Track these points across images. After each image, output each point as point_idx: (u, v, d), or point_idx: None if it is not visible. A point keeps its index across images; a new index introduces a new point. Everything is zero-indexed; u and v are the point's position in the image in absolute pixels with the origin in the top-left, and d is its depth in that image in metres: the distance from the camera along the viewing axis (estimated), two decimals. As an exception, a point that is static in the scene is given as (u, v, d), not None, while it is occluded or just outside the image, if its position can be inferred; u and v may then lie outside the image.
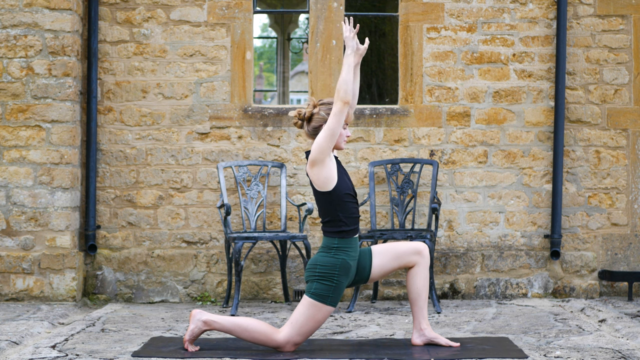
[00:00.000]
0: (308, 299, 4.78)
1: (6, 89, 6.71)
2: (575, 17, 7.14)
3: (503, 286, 7.12)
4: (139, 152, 7.06)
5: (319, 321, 4.80)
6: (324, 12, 7.14)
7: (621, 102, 7.16)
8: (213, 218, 7.06)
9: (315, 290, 4.77)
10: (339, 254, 4.80)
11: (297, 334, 4.79)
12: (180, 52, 7.08)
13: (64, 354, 4.80)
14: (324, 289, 4.77)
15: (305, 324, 4.78)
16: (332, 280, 4.77)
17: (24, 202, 6.71)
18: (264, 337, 4.81)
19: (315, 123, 4.83)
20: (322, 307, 4.77)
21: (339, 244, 4.80)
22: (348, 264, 4.81)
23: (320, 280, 4.77)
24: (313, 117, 4.84)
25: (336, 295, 4.79)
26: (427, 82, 7.13)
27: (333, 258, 4.78)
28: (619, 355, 4.80)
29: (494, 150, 7.14)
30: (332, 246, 4.81)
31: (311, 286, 4.79)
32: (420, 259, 4.97)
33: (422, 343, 5.01)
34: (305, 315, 4.77)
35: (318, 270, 4.78)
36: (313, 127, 4.83)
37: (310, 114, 4.84)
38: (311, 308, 4.77)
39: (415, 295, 4.99)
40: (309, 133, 4.86)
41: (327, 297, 4.77)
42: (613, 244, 7.17)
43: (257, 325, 4.83)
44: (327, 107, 4.82)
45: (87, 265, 7.03)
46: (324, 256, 4.80)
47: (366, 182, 7.09)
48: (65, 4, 6.70)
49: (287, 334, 4.79)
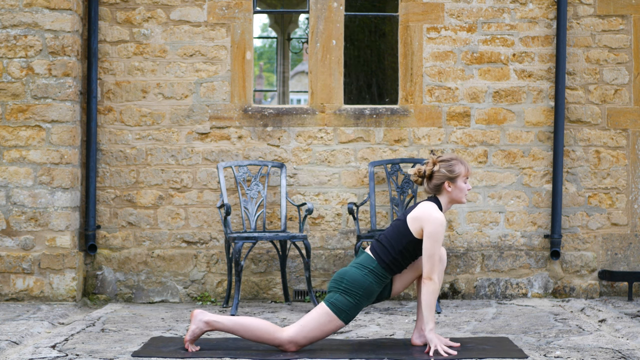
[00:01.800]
0: (325, 307, 4.80)
1: (6, 89, 6.71)
2: (575, 17, 7.14)
3: (503, 286, 7.12)
4: (139, 152, 7.06)
5: (327, 332, 4.82)
6: (324, 12, 7.14)
7: (621, 102, 7.16)
8: (213, 218, 7.06)
9: (335, 301, 4.79)
10: (370, 277, 4.83)
11: (303, 337, 4.80)
12: (180, 52, 7.08)
13: (64, 354, 4.80)
14: (344, 304, 4.79)
15: (313, 330, 4.79)
16: (355, 298, 4.80)
17: (24, 202, 6.71)
18: (267, 335, 4.81)
19: (436, 181, 4.90)
20: (336, 320, 4.80)
21: (375, 269, 4.84)
22: (374, 289, 4.85)
23: (343, 293, 4.79)
24: (433, 175, 4.90)
25: (352, 314, 4.82)
26: (427, 82, 7.13)
27: (363, 278, 4.81)
28: (619, 355, 4.80)
29: (494, 150, 7.14)
30: (368, 266, 4.84)
31: (332, 296, 4.81)
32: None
33: (422, 343, 5.02)
34: (317, 321, 4.79)
35: (345, 283, 4.81)
36: (434, 184, 4.91)
37: (431, 171, 4.90)
38: (324, 317, 4.79)
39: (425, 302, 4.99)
40: (431, 189, 4.93)
41: (344, 312, 4.79)
42: (613, 244, 7.17)
43: (260, 323, 4.84)
44: (446, 165, 4.88)
45: (87, 265, 7.04)
46: (356, 272, 4.82)
47: (366, 182, 7.09)
48: (65, 4, 6.70)
49: (292, 334, 4.79)
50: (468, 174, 4.92)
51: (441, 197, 4.92)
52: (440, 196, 4.92)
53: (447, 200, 4.93)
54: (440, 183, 4.89)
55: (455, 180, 4.88)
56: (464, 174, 4.90)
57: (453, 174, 4.87)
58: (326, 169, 7.11)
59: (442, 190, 4.90)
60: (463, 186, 4.90)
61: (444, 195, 4.92)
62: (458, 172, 4.88)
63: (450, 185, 4.89)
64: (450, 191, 4.89)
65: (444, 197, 4.92)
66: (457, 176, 4.88)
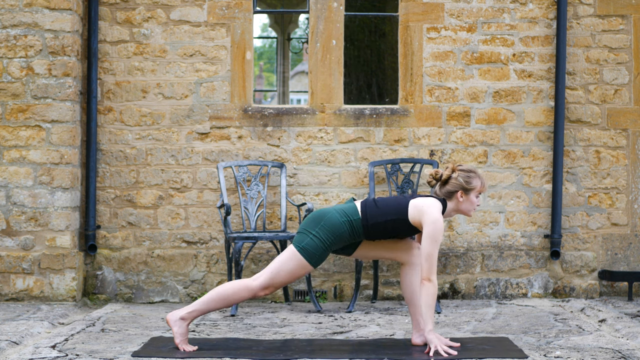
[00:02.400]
0: (296, 252, 4.83)
1: (6, 89, 6.71)
2: (575, 17, 7.14)
3: (503, 286, 7.12)
4: (139, 152, 7.06)
5: (297, 277, 4.88)
6: (324, 12, 7.14)
7: (621, 102, 7.16)
8: (213, 218, 7.06)
9: (306, 245, 4.81)
10: (346, 226, 4.84)
11: (274, 283, 4.87)
12: (180, 52, 7.08)
13: (64, 354, 4.80)
14: (315, 248, 4.81)
15: (284, 276, 4.86)
16: (325, 243, 4.82)
17: (24, 202, 6.71)
18: (241, 293, 4.88)
19: (450, 187, 4.92)
20: (307, 265, 4.84)
21: (355, 222, 4.84)
22: (344, 239, 4.86)
23: (315, 237, 4.81)
24: (449, 181, 4.92)
25: (322, 258, 4.86)
26: (427, 82, 7.13)
27: (340, 224, 4.83)
28: (619, 355, 4.80)
29: (494, 150, 7.14)
30: (350, 216, 4.85)
31: (303, 239, 4.83)
32: (411, 258, 5.02)
33: (423, 343, 5.01)
34: (288, 267, 4.84)
35: (320, 226, 4.82)
36: (447, 190, 4.92)
37: (448, 177, 4.92)
38: (295, 262, 4.83)
39: (410, 294, 5.02)
40: (440, 194, 4.94)
41: (315, 256, 4.82)
42: (613, 244, 7.17)
43: (229, 287, 4.90)
44: (465, 175, 4.90)
45: (87, 265, 7.04)
46: (335, 217, 4.84)
47: (366, 182, 7.09)
48: (65, 4, 6.70)
49: (264, 282, 4.85)
50: (482, 189, 4.94)
51: (450, 203, 4.94)
52: (449, 202, 4.94)
53: (454, 208, 4.95)
54: (454, 191, 4.91)
55: (469, 192, 4.91)
56: (479, 189, 4.92)
57: (469, 186, 4.90)
58: (326, 169, 7.11)
59: (454, 198, 4.93)
60: (474, 200, 4.93)
61: (453, 202, 4.94)
62: (474, 185, 4.91)
63: (463, 195, 4.91)
64: (461, 201, 4.92)
65: (452, 204, 4.94)
66: (472, 189, 4.91)
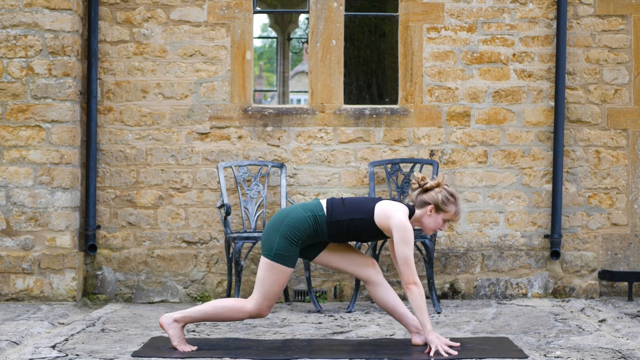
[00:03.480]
0: (271, 263, 4.82)
1: (6, 89, 6.71)
2: (575, 17, 7.14)
3: (503, 286, 7.12)
4: (139, 152, 7.06)
5: (284, 282, 4.87)
6: (324, 12, 7.14)
7: (621, 102, 7.16)
8: (213, 218, 7.07)
9: (278, 250, 4.80)
10: (310, 221, 4.83)
11: (267, 300, 4.86)
12: (180, 52, 7.08)
13: (64, 354, 4.80)
14: (286, 249, 4.81)
15: (272, 289, 4.85)
16: (293, 240, 4.81)
17: (24, 202, 6.71)
18: (236, 314, 4.89)
19: (427, 198, 4.87)
20: (286, 269, 4.83)
21: (319, 218, 4.84)
22: (309, 235, 4.84)
23: (281, 237, 4.79)
24: (429, 192, 4.87)
25: (296, 255, 4.86)
26: (427, 82, 7.13)
27: (304, 219, 4.82)
28: (619, 355, 4.80)
29: (494, 150, 7.14)
30: (314, 211, 4.85)
31: (271, 246, 4.82)
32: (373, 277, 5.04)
33: (423, 343, 5.01)
34: (271, 280, 4.83)
35: (285, 223, 4.81)
36: (423, 199, 4.88)
37: (431, 187, 4.88)
38: (275, 272, 4.83)
39: (391, 308, 5.04)
40: (414, 200, 4.91)
41: (288, 257, 4.83)
42: (613, 244, 7.17)
43: (224, 306, 4.90)
44: (446, 195, 4.85)
45: (87, 265, 7.04)
46: (299, 212, 4.84)
47: (366, 182, 7.09)
48: (65, 4, 6.71)
49: (257, 303, 4.86)
50: (453, 218, 4.88)
51: (418, 211, 4.90)
52: (418, 210, 4.90)
53: (419, 219, 4.91)
54: (428, 203, 4.86)
55: (439, 211, 4.86)
56: (450, 215, 4.87)
57: (443, 206, 4.85)
58: (326, 169, 7.11)
59: (424, 208, 4.88)
60: (440, 222, 4.89)
61: (420, 213, 4.89)
62: (448, 209, 4.86)
63: (433, 211, 4.86)
64: (428, 215, 4.87)
65: (419, 213, 4.90)
66: (444, 210, 4.85)
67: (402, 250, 4.75)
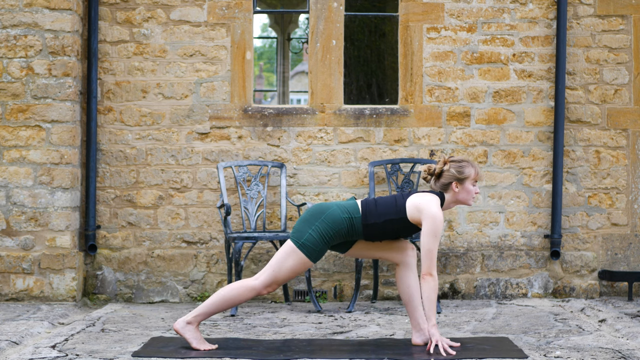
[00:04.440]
0: (294, 248, 4.83)
1: (6, 89, 6.71)
2: (575, 17, 7.14)
3: (503, 286, 7.12)
4: (139, 152, 7.06)
5: (298, 273, 4.89)
6: (324, 12, 7.14)
7: (621, 102, 7.16)
8: (213, 218, 7.06)
9: (306, 242, 4.80)
10: (346, 223, 4.84)
11: (276, 281, 4.87)
12: (180, 52, 7.08)
13: (64, 354, 4.80)
14: (315, 243, 4.81)
15: (286, 273, 4.86)
16: (325, 238, 4.82)
17: (24, 202, 6.71)
18: (244, 294, 4.89)
19: (444, 180, 4.93)
20: (307, 261, 4.84)
21: (355, 221, 4.85)
22: (341, 235, 4.86)
23: (314, 231, 4.80)
24: (443, 174, 4.93)
25: (322, 253, 4.86)
26: (427, 82, 7.13)
27: (341, 220, 4.83)
28: (619, 355, 4.80)
29: (494, 150, 7.14)
30: (351, 214, 4.86)
31: (302, 234, 4.82)
32: (405, 259, 5.02)
33: (423, 343, 5.01)
34: (289, 265, 4.84)
35: (321, 220, 4.82)
36: (442, 183, 4.94)
37: (441, 170, 4.93)
38: (293, 256, 4.83)
39: (408, 295, 5.03)
40: (436, 188, 4.96)
41: (314, 251, 4.83)
42: (613, 244, 7.17)
43: (231, 289, 4.91)
44: (456, 165, 4.91)
45: (87, 265, 7.04)
46: (337, 211, 4.84)
47: (366, 182, 7.09)
48: (65, 4, 6.71)
49: (266, 281, 4.86)
50: (477, 177, 4.95)
51: (447, 195, 4.96)
52: (447, 194, 4.96)
53: (452, 200, 4.96)
54: (448, 183, 4.92)
55: (463, 181, 4.91)
56: (473, 176, 4.92)
57: (462, 175, 4.90)
58: (326, 169, 7.11)
59: (450, 189, 4.94)
60: (471, 189, 4.93)
61: (450, 194, 4.95)
62: (467, 174, 4.91)
63: (458, 186, 4.92)
64: (457, 192, 4.92)
65: (449, 195, 4.96)
66: (465, 178, 4.91)
67: (428, 242, 4.77)
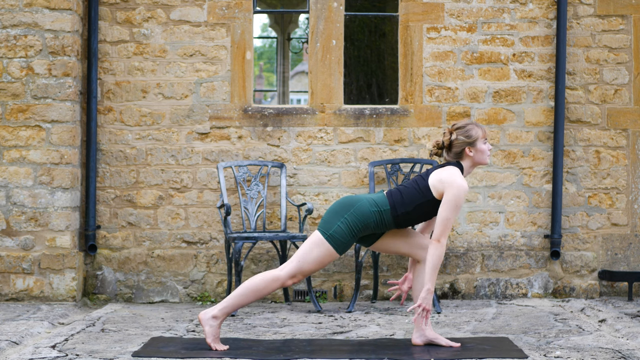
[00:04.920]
0: (324, 241, 4.82)
1: (6, 89, 6.71)
2: (575, 17, 7.14)
3: (503, 286, 7.12)
4: (139, 152, 7.06)
5: (324, 265, 4.89)
6: (324, 12, 7.14)
7: (621, 102, 7.17)
8: (213, 218, 7.06)
9: (334, 233, 4.80)
10: (375, 216, 4.84)
11: (301, 271, 4.86)
12: (180, 52, 7.08)
13: (64, 354, 4.80)
14: (342, 235, 4.81)
15: (311, 264, 4.86)
16: (353, 231, 4.82)
17: (24, 202, 6.71)
18: (270, 285, 4.87)
19: (456, 149, 4.94)
20: (334, 253, 4.84)
21: (384, 214, 4.85)
22: (370, 227, 4.86)
23: (343, 223, 4.80)
24: (452, 144, 4.93)
25: (347, 246, 4.86)
26: (427, 82, 7.13)
27: (369, 212, 4.83)
28: (619, 355, 4.79)
29: (494, 150, 7.14)
30: (380, 207, 4.85)
31: (330, 226, 4.82)
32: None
33: (423, 343, 5.01)
34: (315, 256, 4.84)
35: (351, 212, 4.82)
36: (455, 152, 4.95)
37: (449, 141, 4.93)
38: (323, 250, 4.83)
39: (419, 292, 4.99)
40: (451, 159, 4.97)
41: (342, 244, 4.83)
42: (613, 244, 7.17)
43: (257, 281, 4.89)
44: (463, 131, 4.91)
45: (87, 265, 7.04)
46: (366, 205, 4.83)
47: (366, 182, 7.09)
48: (65, 4, 6.71)
49: (292, 271, 4.86)
50: (485, 135, 4.96)
51: (464, 162, 4.96)
52: (463, 161, 4.96)
53: (470, 164, 4.98)
54: (461, 150, 4.93)
55: (474, 143, 4.92)
56: (482, 135, 4.94)
57: (471, 139, 4.92)
58: (326, 169, 7.11)
59: (464, 156, 4.95)
60: (484, 147, 4.95)
61: (467, 160, 4.96)
62: (476, 135, 4.92)
63: (472, 149, 4.93)
64: (472, 156, 4.94)
65: (466, 162, 4.96)
66: (475, 139, 4.92)
67: (447, 210, 4.77)
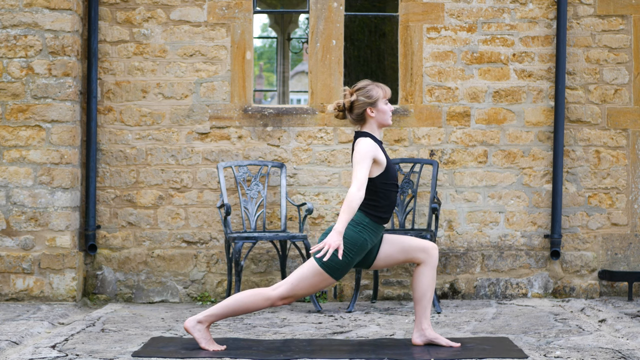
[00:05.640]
0: (317, 267, 4.81)
1: (6, 89, 6.71)
2: (575, 17, 7.14)
3: (503, 286, 7.12)
4: (139, 152, 7.06)
5: (319, 289, 4.90)
6: (324, 12, 7.14)
7: (621, 102, 7.17)
8: (213, 218, 7.06)
9: (330, 261, 4.78)
10: (364, 233, 4.84)
11: (294, 294, 4.86)
12: (180, 52, 7.08)
13: (64, 354, 4.80)
14: (337, 262, 4.79)
15: (304, 289, 4.85)
16: (348, 256, 4.81)
17: (24, 202, 6.71)
18: (260, 302, 4.87)
19: (357, 110, 4.93)
20: (328, 278, 4.83)
21: (368, 224, 4.85)
22: (367, 245, 4.86)
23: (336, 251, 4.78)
24: (354, 105, 4.93)
25: (344, 271, 4.85)
26: (427, 82, 7.13)
27: (357, 234, 4.82)
28: (619, 355, 4.80)
29: (494, 150, 7.14)
30: (361, 223, 4.84)
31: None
32: (428, 258, 4.98)
33: (423, 343, 5.01)
34: (309, 281, 4.83)
35: (343, 237, 4.79)
36: (357, 114, 4.94)
37: (350, 103, 4.93)
38: (317, 276, 4.83)
39: (420, 294, 4.99)
40: (355, 120, 4.97)
41: (337, 270, 4.81)
42: (613, 244, 7.17)
43: (247, 296, 4.89)
44: (364, 92, 4.91)
45: (87, 265, 7.04)
46: (350, 229, 4.82)
47: (366, 182, 7.08)
48: (65, 4, 6.71)
49: (283, 293, 4.84)
50: (387, 95, 4.95)
51: (368, 126, 4.94)
52: (367, 125, 4.94)
53: (375, 127, 4.96)
54: (362, 111, 4.92)
55: (375, 104, 4.92)
56: (383, 95, 4.94)
57: (372, 99, 4.91)
58: (326, 169, 7.11)
59: (366, 117, 4.94)
60: (385, 108, 4.95)
61: (370, 122, 4.94)
62: (376, 96, 4.92)
63: (373, 110, 4.93)
64: (374, 116, 4.93)
65: (370, 124, 4.95)
66: (376, 100, 4.92)
67: (354, 165, 4.77)
